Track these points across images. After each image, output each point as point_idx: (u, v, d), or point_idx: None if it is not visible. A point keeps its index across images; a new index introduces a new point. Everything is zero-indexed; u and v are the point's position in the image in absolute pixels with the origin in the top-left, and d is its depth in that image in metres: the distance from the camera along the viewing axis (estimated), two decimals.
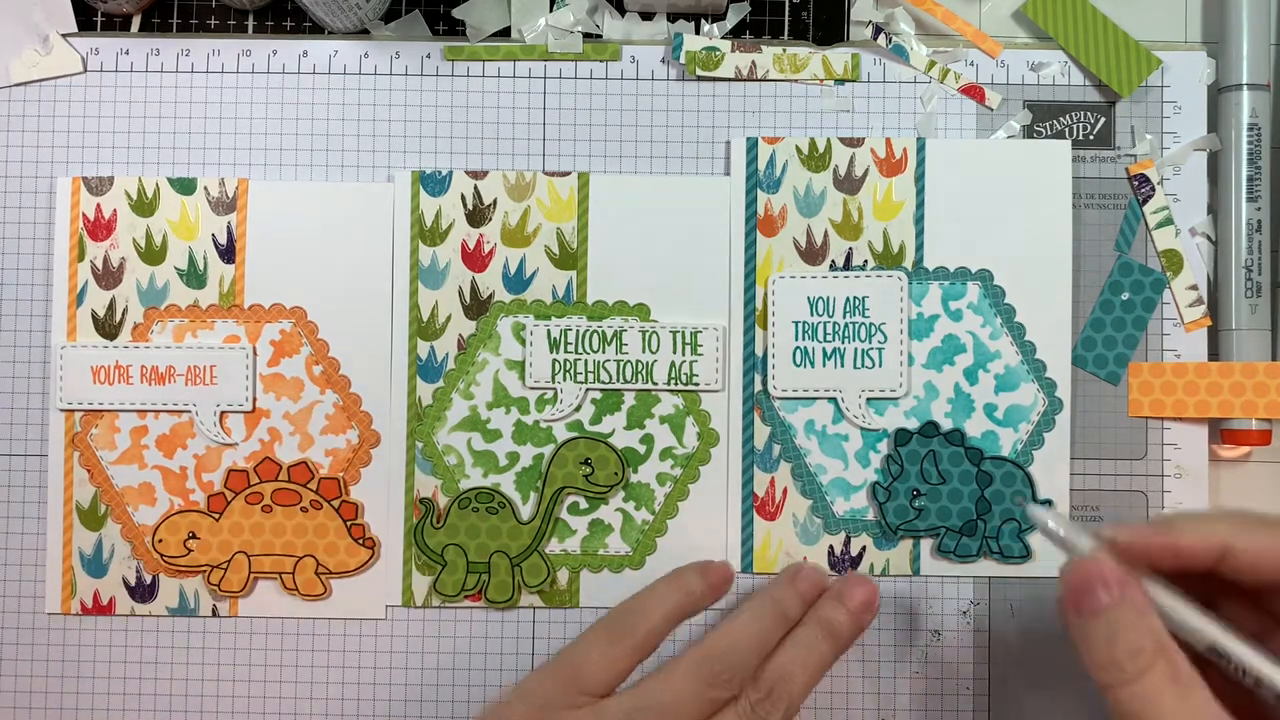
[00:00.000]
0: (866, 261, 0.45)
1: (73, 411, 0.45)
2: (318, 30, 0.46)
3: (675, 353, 0.45)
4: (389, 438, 0.45)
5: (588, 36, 0.46)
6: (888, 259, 0.45)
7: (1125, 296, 0.45)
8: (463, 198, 0.45)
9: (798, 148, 0.45)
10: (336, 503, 0.45)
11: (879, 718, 0.45)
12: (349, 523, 0.45)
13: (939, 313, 0.45)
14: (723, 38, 0.46)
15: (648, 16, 0.46)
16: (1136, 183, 0.45)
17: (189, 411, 0.45)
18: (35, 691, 0.45)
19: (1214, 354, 0.45)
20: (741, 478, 0.45)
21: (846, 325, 0.45)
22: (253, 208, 0.45)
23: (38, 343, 0.45)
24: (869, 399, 0.45)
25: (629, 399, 0.45)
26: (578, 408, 0.45)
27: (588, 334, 0.45)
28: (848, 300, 0.45)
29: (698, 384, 0.45)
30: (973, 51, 0.46)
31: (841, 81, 0.46)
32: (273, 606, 0.45)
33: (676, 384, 0.45)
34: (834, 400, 0.45)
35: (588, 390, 0.45)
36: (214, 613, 0.45)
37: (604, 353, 0.45)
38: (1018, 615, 0.45)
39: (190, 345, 0.45)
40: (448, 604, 0.45)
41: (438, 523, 0.45)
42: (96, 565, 0.45)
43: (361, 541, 0.45)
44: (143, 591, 0.45)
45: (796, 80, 0.46)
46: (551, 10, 0.46)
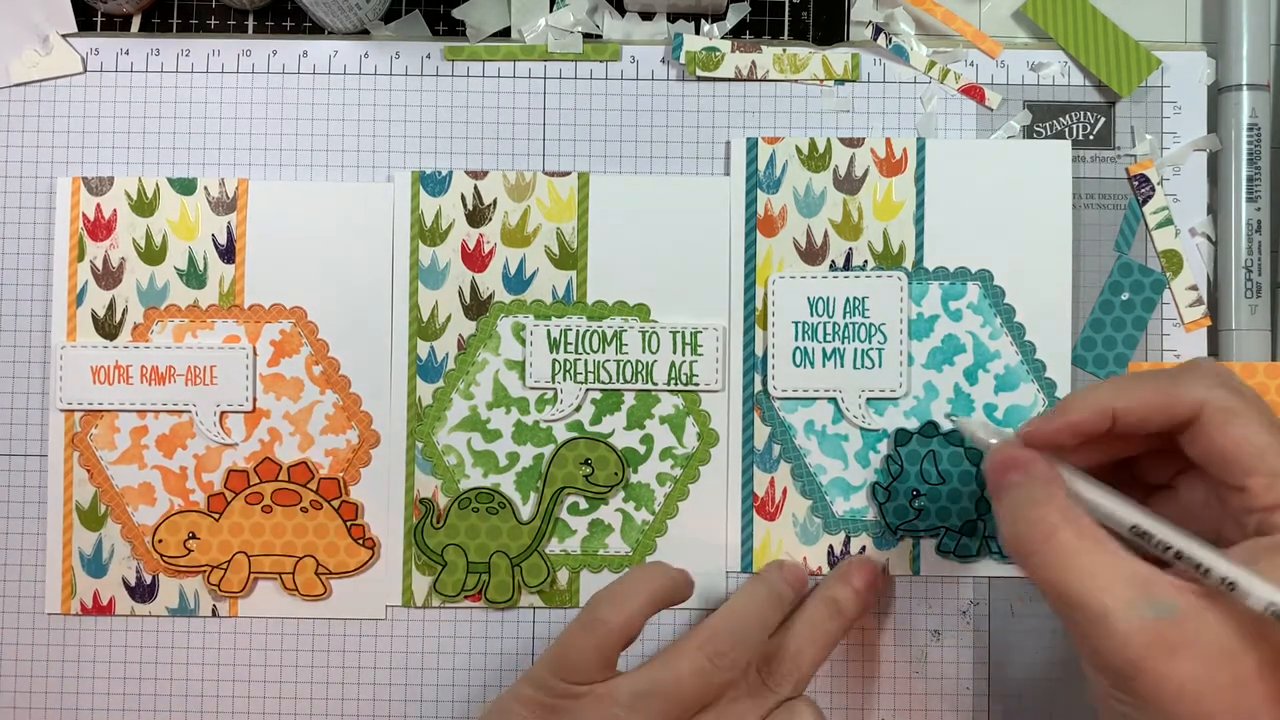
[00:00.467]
0: (866, 262, 0.45)
1: (73, 411, 0.45)
2: (318, 30, 0.46)
3: (675, 353, 0.45)
4: (389, 438, 0.45)
5: (588, 36, 0.46)
6: (888, 259, 0.45)
7: (1125, 296, 0.45)
8: (463, 198, 0.45)
9: (798, 148, 0.45)
10: (336, 503, 0.45)
11: (879, 718, 0.45)
12: (349, 523, 0.45)
13: (939, 313, 0.45)
14: (723, 38, 0.46)
15: (648, 16, 0.46)
16: (1136, 183, 0.45)
17: (189, 412, 0.45)
18: (35, 692, 0.45)
19: (1214, 354, 0.45)
20: (741, 478, 0.45)
21: (846, 325, 0.45)
22: (253, 208, 0.45)
23: (37, 343, 0.45)
24: (869, 399, 0.45)
25: (629, 399, 0.45)
26: (578, 408, 0.45)
27: (588, 334, 0.45)
28: (848, 300, 0.45)
29: (698, 384, 0.45)
30: (973, 51, 0.46)
31: (841, 82, 0.46)
32: (273, 607, 0.45)
33: (676, 384, 0.45)
34: (834, 400, 0.45)
35: (588, 390, 0.45)
36: (214, 613, 0.45)
37: (604, 353, 0.45)
38: (1018, 615, 0.45)
39: (190, 345, 0.45)
40: (448, 604, 0.45)
41: (438, 523, 0.44)
42: (96, 565, 0.45)
43: (361, 542, 0.45)
44: (143, 592, 0.45)
45: (796, 80, 0.46)
46: (551, 10, 0.46)
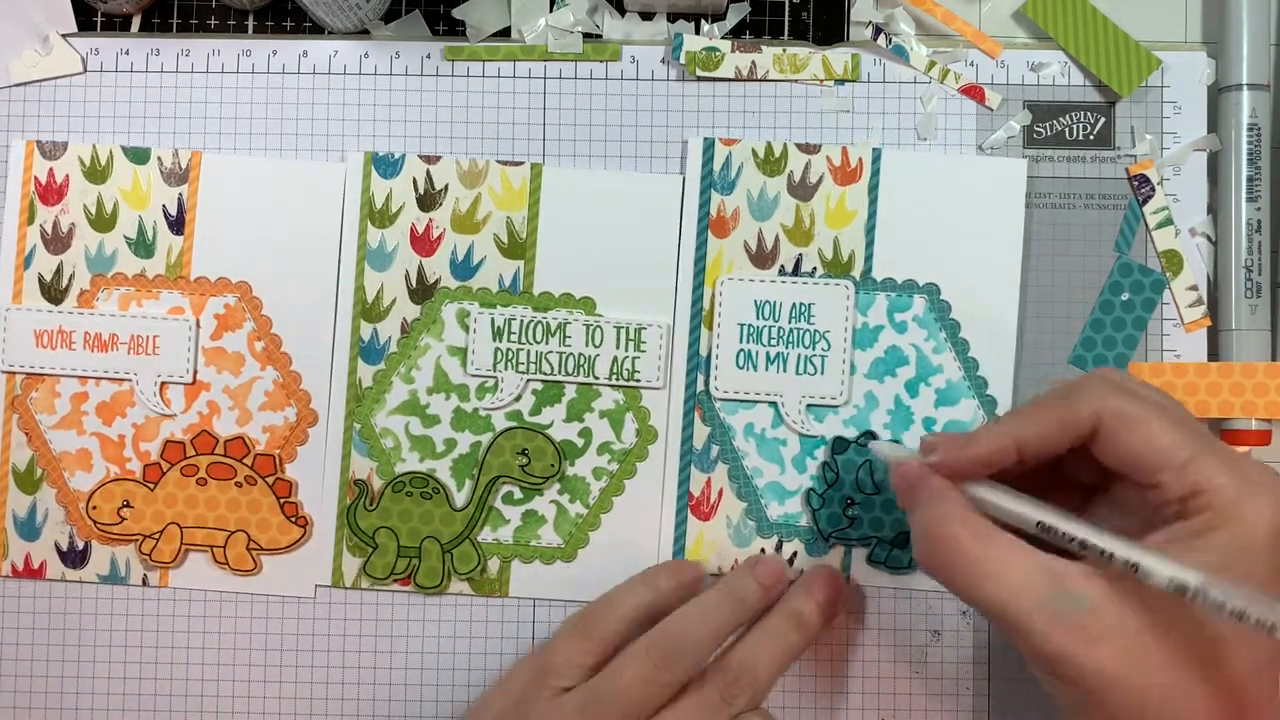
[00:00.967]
0: (815, 268, 0.45)
1: (14, 374, 0.45)
2: (318, 30, 0.46)
3: (618, 348, 0.45)
4: (327, 417, 0.45)
5: (588, 36, 0.46)
6: (837, 267, 0.45)
7: (1125, 296, 0.45)
8: (414, 181, 0.45)
9: (754, 150, 0.45)
10: (271, 479, 0.45)
11: (879, 718, 0.45)
12: (282, 500, 0.45)
13: (884, 324, 0.45)
14: (723, 38, 0.46)
15: (648, 16, 0.46)
16: (1136, 183, 0.45)
17: (130, 380, 0.45)
18: None
19: (1214, 354, 0.45)
20: (678, 476, 0.45)
21: (791, 330, 0.45)
22: (204, 180, 0.45)
23: None
24: (809, 405, 0.45)
25: (570, 392, 0.45)
26: (518, 398, 0.45)
27: (532, 324, 0.45)
28: (794, 306, 0.45)
29: (639, 380, 0.45)
30: (973, 51, 0.46)
31: (841, 82, 0.46)
32: (203, 579, 0.45)
33: (618, 379, 0.45)
34: (774, 404, 0.45)
35: (529, 381, 0.45)
36: (144, 582, 0.45)
37: (547, 344, 0.45)
38: None
39: (134, 314, 0.45)
40: (377, 586, 0.45)
41: (371, 505, 0.44)
42: (29, 528, 0.45)
43: (294, 519, 0.45)
44: (74, 557, 0.45)
45: (796, 80, 0.46)
46: (551, 10, 0.46)
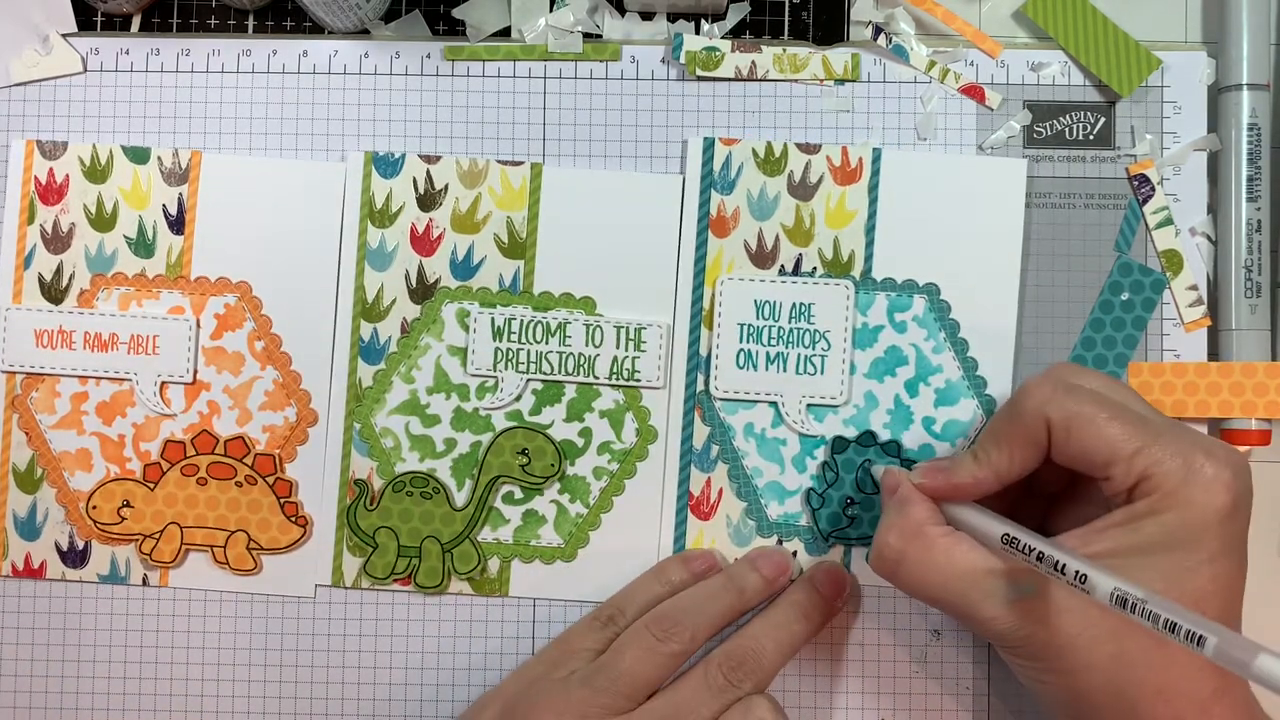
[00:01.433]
0: (815, 268, 0.45)
1: (14, 374, 0.45)
2: (318, 30, 0.46)
3: (618, 348, 0.45)
4: (327, 417, 0.45)
5: (588, 36, 0.46)
6: (837, 267, 0.45)
7: (1125, 296, 0.45)
8: (414, 181, 0.45)
9: (754, 150, 0.45)
10: (271, 479, 0.45)
11: (879, 717, 0.45)
12: (282, 500, 0.45)
13: (884, 324, 0.45)
14: (723, 38, 0.46)
15: (648, 16, 0.46)
16: (1136, 183, 0.45)
17: (130, 380, 0.45)
18: None
19: (1214, 354, 0.45)
20: (678, 476, 0.45)
21: (791, 330, 0.45)
22: (204, 180, 0.45)
23: None
24: (809, 405, 0.45)
25: (570, 391, 0.45)
26: (518, 397, 0.45)
27: (532, 324, 0.45)
28: (794, 306, 0.45)
29: (639, 380, 0.45)
30: (973, 51, 0.46)
31: (841, 81, 0.46)
32: (203, 579, 0.45)
33: (618, 379, 0.45)
34: (774, 404, 0.45)
35: (529, 380, 0.45)
36: (144, 582, 0.45)
37: (547, 344, 0.45)
38: None
39: (135, 314, 0.45)
40: (377, 586, 0.45)
41: (371, 505, 0.45)
42: (30, 528, 0.45)
43: (294, 519, 0.45)
44: (74, 557, 0.45)
45: (796, 80, 0.45)
46: (551, 10, 0.46)
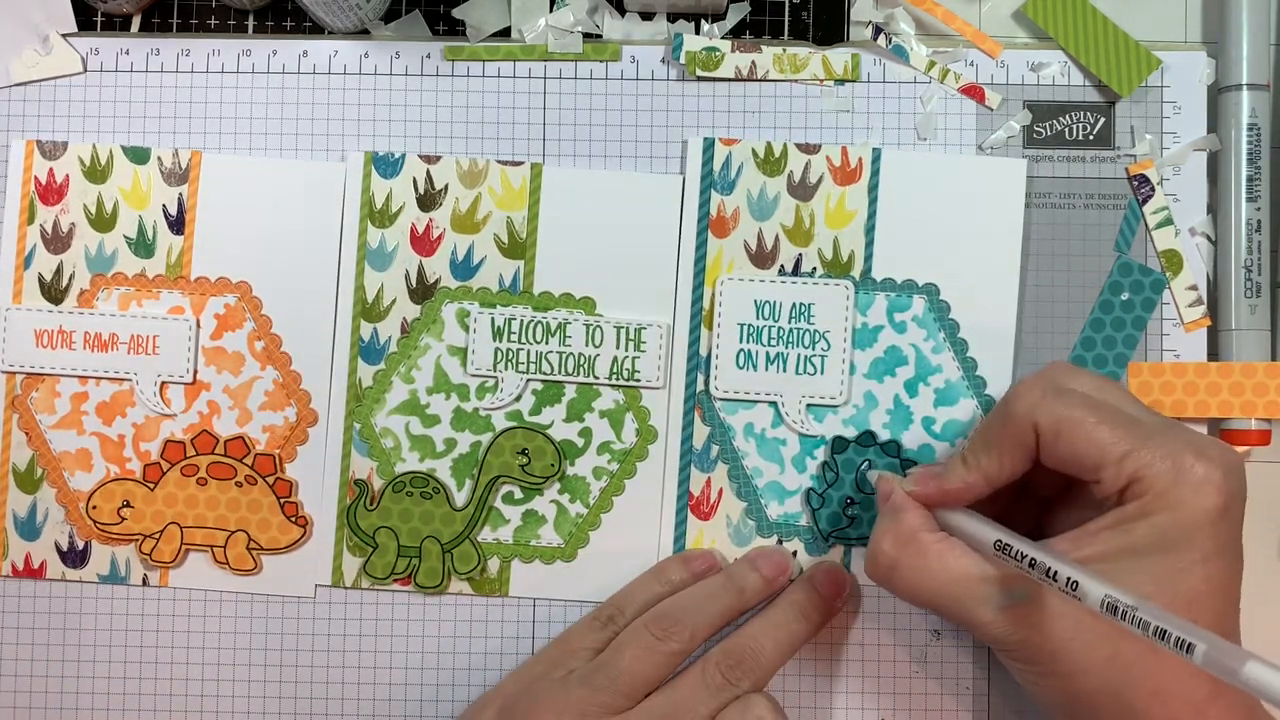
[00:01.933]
0: (815, 268, 0.45)
1: (14, 374, 0.45)
2: (318, 30, 0.46)
3: (618, 348, 0.45)
4: (327, 417, 0.45)
5: (588, 36, 0.46)
6: (836, 267, 0.45)
7: (1125, 296, 0.45)
8: (414, 181, 0.45)
9: (754, 150, 0.45)
10: (271, 479, 0.45)
11: (879, 717, 0.45)
12: (282, 500, 0.45)
13: (883, 324, 0.45)
14: (723, 38, 0.46)
15: (648, 16, 0.46)
16: (1136, 183, 0.45)
17: (130, 380, 0.45)
18: None
19: (1214, 354, 0.45)
20: (678, 476, 0.45)
21: (791, 330, 0.45)
22: (204, 180, 0.45)
23: None
24: (809, 405, 0.45)
25: (570, 391, 0.45)
26: (518, 397, 0.45)
27: (532, 324, 0.45)
28: (794, 306, 0.45)
29: (639, 380, 0.45)
30: (973, 51, 0.46)
31: (841, 81, 0.46)
32: (203, 579, 0.45)
33: (618, 379, 0.45)
34: (774, 404, 0.45)
35: (529, 380, 0.45)
36: (144, 582, 0.45)
37: (547, 344, 0.45)
38: None
39: (135, 314, 0.45)
40: (377, 586, 0.45)
41: (371, 505, 0.45)
42: (30, 528, 0.45)
43: (294, 519, 0.45)
44: (74, 557, 0.45)
45: (796, 80, 0.46)
46: (551, 10, 0.46)
